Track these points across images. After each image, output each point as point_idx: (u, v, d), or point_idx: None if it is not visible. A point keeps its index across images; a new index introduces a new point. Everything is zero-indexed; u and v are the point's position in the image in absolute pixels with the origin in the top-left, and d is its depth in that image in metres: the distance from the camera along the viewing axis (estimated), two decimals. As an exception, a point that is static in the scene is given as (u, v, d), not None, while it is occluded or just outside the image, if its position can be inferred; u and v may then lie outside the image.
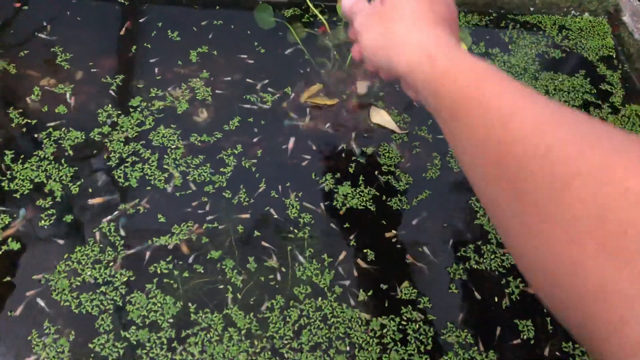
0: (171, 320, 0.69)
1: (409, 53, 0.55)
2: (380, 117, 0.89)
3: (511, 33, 1.02)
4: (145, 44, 0.95)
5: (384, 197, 0.80)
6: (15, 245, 0.73)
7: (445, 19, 0.61)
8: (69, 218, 0.75)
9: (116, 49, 0.94)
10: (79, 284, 0.70)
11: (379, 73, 0.63)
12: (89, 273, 0.71)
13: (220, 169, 0.81)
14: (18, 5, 0.98)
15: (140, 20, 0.98)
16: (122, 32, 0.96)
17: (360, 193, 0.80)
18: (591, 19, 1.04)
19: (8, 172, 0.79)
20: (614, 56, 1.00)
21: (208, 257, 0.73)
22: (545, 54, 1.00)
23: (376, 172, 0.83)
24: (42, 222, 0.75)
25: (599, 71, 0.98)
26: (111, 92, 0.88)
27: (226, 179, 0.80)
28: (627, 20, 0.98)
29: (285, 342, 0.68)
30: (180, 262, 0.73)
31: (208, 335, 0.68)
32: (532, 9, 1.04)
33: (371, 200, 0.80)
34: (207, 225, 0.76)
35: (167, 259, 0.73)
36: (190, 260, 0.73)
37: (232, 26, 0.99)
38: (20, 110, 0.85)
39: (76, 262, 0.72)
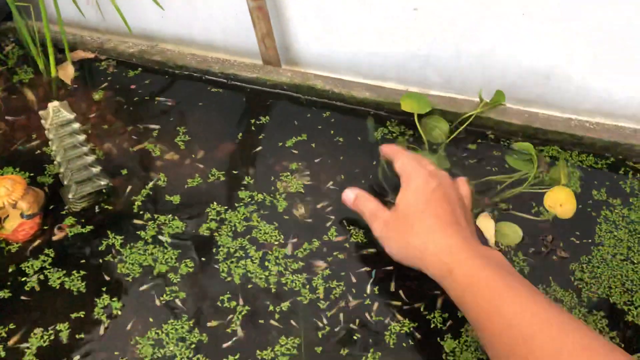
0: None
1: (431, 268, 0.63)
2: None
3: (632, 183, 0.91)
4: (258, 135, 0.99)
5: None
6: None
7: (457, 213, 0.67)
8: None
9: (232, 138, 0.98)
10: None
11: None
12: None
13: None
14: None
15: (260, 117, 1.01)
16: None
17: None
18: None
19: (118, 257, 0.82)
20: None
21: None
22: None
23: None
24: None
25: None
26: (218, 182, 0.91)
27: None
28: None
29: None
30: None
31: None
32: (657, 159, 0.93)
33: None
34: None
35: None
36: None
37: (336, 131, 0.99)
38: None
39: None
